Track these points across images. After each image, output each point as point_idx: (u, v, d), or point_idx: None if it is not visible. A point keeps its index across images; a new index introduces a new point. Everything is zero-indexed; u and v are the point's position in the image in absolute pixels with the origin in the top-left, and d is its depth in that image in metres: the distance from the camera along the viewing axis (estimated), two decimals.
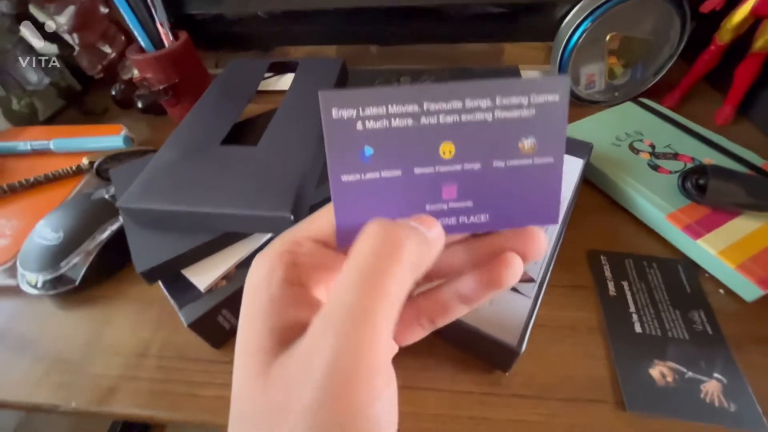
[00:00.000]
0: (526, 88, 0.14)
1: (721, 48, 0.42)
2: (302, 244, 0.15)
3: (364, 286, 0.12)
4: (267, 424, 0.12)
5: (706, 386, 0.25)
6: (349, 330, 0.12)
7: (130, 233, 0.29)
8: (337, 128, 0.13)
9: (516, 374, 0.27)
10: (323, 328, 0.12)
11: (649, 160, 0.38)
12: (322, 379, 0.11)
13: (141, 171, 0.30)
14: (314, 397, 0.11)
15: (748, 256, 0.29)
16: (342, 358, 0.11)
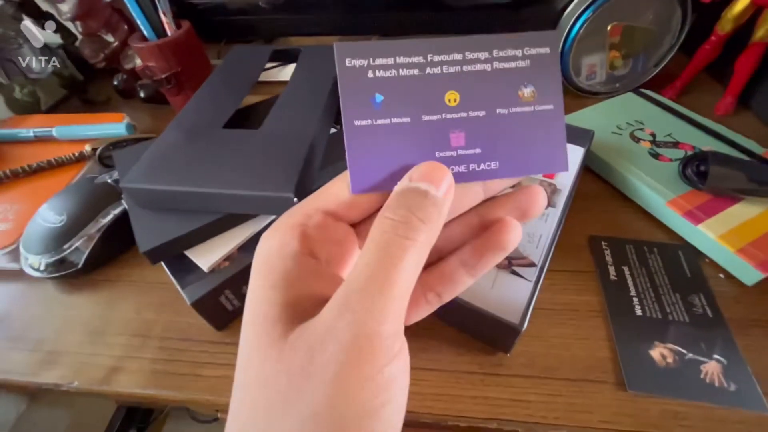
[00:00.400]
0: (520, 42, 0.15)
1: (722, 38, 0.42)
2: (312, 217, 0.15)
3: (383, 258, 0.13)
4: (286, 385, 0.12)
5: (706, 367, 0.25)
6: (371, 301, 0.12)
7: (133, 214, 0.29)
8: (350, 76, 0.14)
9: (518, 355, 0.27)
10: (346, 298, 0.13)
11: (650, 149, 0.38)
12: (349, 345, 0.12)
13: (144, 153, 0.30)
14: (341, 360, 0.12)
15: (749, 240, 0.29)
16: (366, 326, 0.12)
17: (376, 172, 0.14)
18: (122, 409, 0.84)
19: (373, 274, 0.13)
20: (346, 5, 0.52)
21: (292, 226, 0.15)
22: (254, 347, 0.13)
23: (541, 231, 0.29)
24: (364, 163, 0.14)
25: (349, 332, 0.12)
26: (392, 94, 0.14)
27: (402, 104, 0.14)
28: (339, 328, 0.12)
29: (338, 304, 0.13)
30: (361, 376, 0.12)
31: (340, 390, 0.12)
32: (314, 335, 0.12)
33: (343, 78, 0.14)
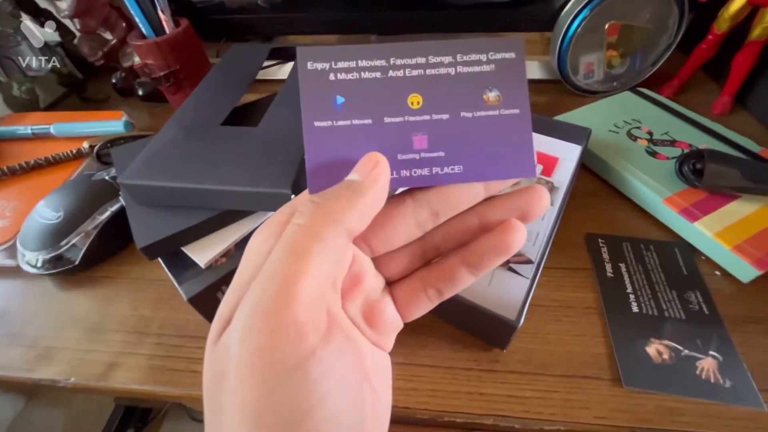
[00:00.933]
0: (485, 47, 0.15)
1: (719, 37, 0.42)
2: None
3: (285, 252, 0.12)
4: (215, 390, 0.12)
5: (702, 363, 0.25)
6: (272, 288, 0.12)
7: (130, 210, 0.29)
8: (312, 78, 0.14)
9: (514, 352, 0.27)
10: (249, 292, 0.12)
11: (647, 147, 0.38)
12: (250, 334, 0.11)
13: (142, 150, 0.30)
14: (240, 355, 0.11)
15: (744, 238, 0.29)
16: (257, 317, 0.12)
17: (335, 172, 0.14)
18: (120, 408, 0.84)
19: (273, 265, 0.12)
20: (344, 4, 0.52)
21: (277, 224, 0.14)
22: (207, 347, 0.13)
23: (538, 229, 0.30)
24: (322, 163, 0.15)
25: (242, 325, 0.12)
26: (353, 96, 0.14)
27: (363, 106, 0.15)
28: (237, 321, 0.12)
29: (243, 299, 0.12)
30: (276, 367, 0.11)
31: (260, 388, 0.11)
32: (228, 334, 0.12)
33: (304, 80, 0.14)
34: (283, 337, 0.11)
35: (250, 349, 0.11)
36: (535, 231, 0.30)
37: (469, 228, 0.17)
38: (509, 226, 0.15)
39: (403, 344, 0.27)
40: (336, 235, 0.13)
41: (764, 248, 0.29)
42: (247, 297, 0.12)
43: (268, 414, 0.11)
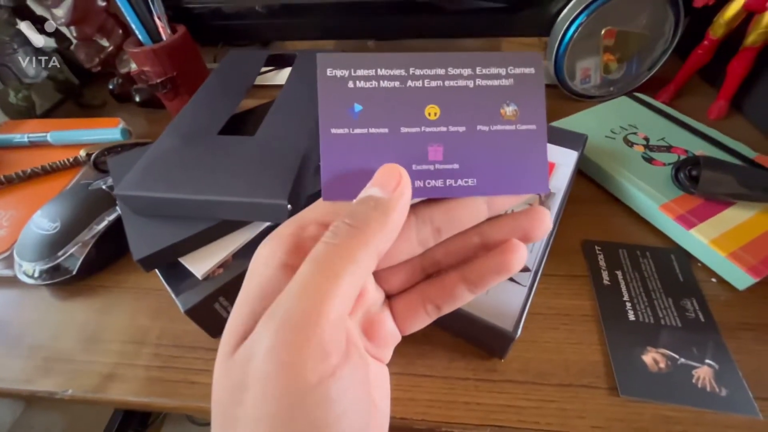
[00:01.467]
0: (504, 61, 0.15)
1: (715, 43, 0.43)
2: (307, 228, 0.15)
3: (317, 271, 0.12)
4: (229, 404, 0.12)
5: (698, 372, 0.26)
6: (296, 306, 0.12)
7: (127, 221, 0.29)
8: (330, 85, 0.14)
9: (511, 360, 0.27)
10: (275, 306, 0.12)
11: (643, 153, 0.38)
12: (272, 352, 0.11)
13: (139, 159, 0.30)
14: (265, 368, 0.11)
15: (740, 245, 0.30)
16: (286, 332, 0.12)
17: (350, 180, 0.14)
18: (119, 413, 0.84)
19: (304, 282, 0.12)
20: (342, 10, 0.52)
21: (284, 236, 0.14)
22: (218, 361, 0.13)
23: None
24: (338, 171, 0.15)
25: (269, 339, 0.12)
26: (371, 104, 0.14)
27: (381, 115, 0.15)
28: (263, 336, 0.12)
29: (267, 313, 0.12)
30: (299, 384, 0.11)
31: (282, 402, 0.11)
32: (248, 347, 0.12)
33: (322, 87, 0.14)
34: (310, 354, 0.11)
35: (277, 362, 0.11)
36: None
37: (470, 246, 0.17)
38: (511, 246, 0.15)
39: (401, 354, 0.27)
40: (369, 257, 0.13)
41: (759, 255, 0.29)
42: (275, 310, 0.12)
43: (286, 430, 0.11)
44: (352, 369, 0.13)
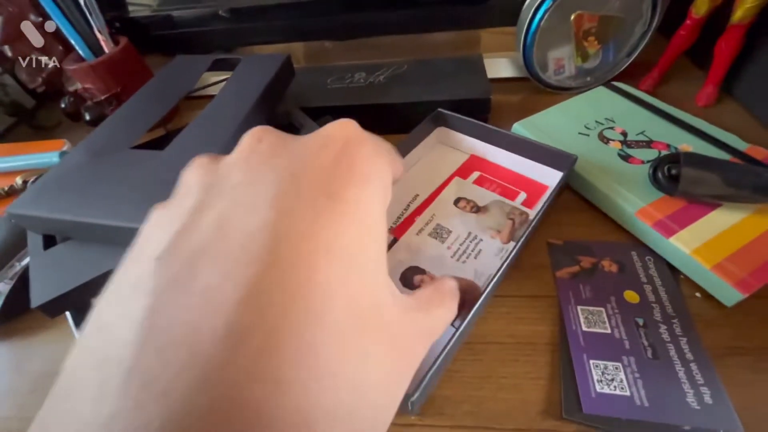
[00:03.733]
0: None
1: (698, 22, 0.38)
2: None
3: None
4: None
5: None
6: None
7: (33, 260, 0.26)
8: None
9: (462, 401, 0.24)
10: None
11: (619, 150, 0.34)
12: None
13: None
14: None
15: (726, 254, 0.26)
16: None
17: None
18: None
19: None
20: (299, 10, 0.48)
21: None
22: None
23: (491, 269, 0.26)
24: None
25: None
26: None
27: None
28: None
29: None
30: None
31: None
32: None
33: None
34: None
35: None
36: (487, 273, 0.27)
37: None
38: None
39: None
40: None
41: (749, 267, 0.25)
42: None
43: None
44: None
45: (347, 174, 0.12)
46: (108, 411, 0.08)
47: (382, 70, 0.44)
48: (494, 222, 0.32)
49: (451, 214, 0.33)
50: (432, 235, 0.31)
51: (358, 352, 0.10)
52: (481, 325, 0.27)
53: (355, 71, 0.45)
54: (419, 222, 0.32)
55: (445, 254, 0.30)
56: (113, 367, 0.08)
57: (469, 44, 0.58)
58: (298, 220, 0.10)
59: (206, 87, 0.45)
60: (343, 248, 0.11)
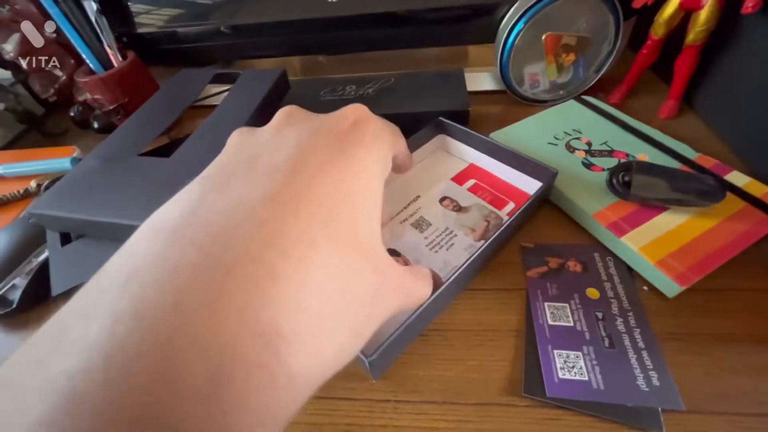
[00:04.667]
0: None
1: (657, 42, 0.42)
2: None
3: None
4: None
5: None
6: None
7: (52, 253, 0.29)
8: None
9: (432, 380, 0.27)
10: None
11: (584, 158, 0.38)
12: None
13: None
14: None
15: (669, 251, 0.29)
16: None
17: None
18: None
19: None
20: (297, 27, 0.52)
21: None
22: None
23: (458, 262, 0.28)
24: None
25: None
26: None
27: None
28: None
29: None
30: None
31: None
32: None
33: None
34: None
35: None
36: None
37: None
38: None
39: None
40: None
41: (687, 262, 0.28)
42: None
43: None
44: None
45: (357, 140, 0.15)
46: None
47: (371, 83, 0.48)
48: (471, 221, 0.35)
49: (436, 209, 0.36)
50: (414, 225, 0.35)
51: (351, 262, 0.14)
52: (453, 314, 0.30)
53: (347, 84, 0.48)
54: (405, 213, 0.36)
55: (421, 243, 0.34)
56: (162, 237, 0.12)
57: (457, 58, 0.62)
58: (314, 159, 0.14)
59: (207, 98, 0.49)
60: (347, 187, 0.14)
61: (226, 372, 0.10)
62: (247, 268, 0.11)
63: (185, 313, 0.10)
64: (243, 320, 0.10)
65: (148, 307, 0.10)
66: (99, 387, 0.09)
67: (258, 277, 0.11)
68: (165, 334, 0.09)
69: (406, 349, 0.28)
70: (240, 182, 0.13)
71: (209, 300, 0.10)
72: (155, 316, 0.10)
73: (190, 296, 0.10)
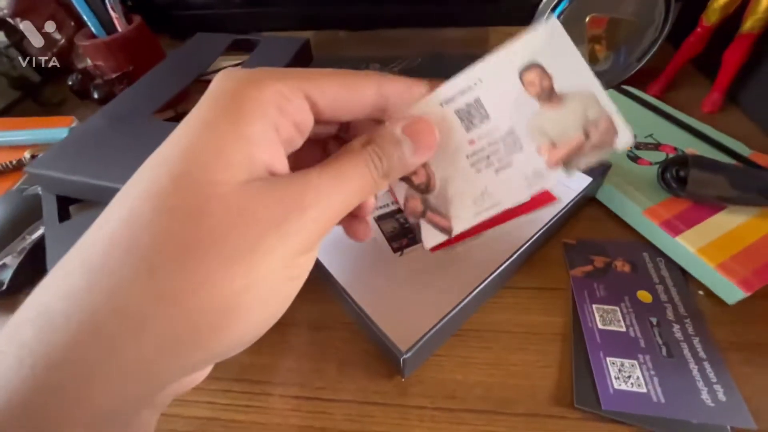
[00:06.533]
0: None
1: (708, 30, 0.39)
2: (292, 101, 0.14)
3: (336, 185, 0.14)
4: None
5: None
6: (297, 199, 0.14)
7: (48, 230, 0.26)
8: None
9: (473, 386, 0.24)
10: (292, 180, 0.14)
11: (629, 151, 0.35)
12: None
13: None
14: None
15: (731, 254, 0.27)
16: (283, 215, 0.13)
17: None
18: None
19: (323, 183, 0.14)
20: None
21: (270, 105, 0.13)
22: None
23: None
24: None
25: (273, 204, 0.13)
26: None
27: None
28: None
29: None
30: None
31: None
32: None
33: None
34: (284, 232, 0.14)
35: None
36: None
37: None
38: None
39: (353, 379, 0.25)
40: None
41: (751, 266, 0.26)
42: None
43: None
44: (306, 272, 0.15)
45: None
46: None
47: (396, 63, 0.45)
48: (559, 126, 0.17)
49: (506, 89, 0.17)
50: (460, 114, 0.17)
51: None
52: (490, 313, 0.27)
53: (370, 62, 0.45)
54: (452, 86, 0.17)
55: (461, 149, 0.18)
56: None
57: (478, 42, 0.58)
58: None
59: (219, 71, 0.45)
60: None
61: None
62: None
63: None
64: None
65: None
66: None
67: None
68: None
69: (441, 350, 0.26)
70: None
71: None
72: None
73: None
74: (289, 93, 0.14)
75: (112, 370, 0.11)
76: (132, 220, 0.11)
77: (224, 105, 0.13)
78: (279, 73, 0.14)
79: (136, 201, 0.12)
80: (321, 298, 0.29)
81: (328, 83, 0.14)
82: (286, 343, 0.27)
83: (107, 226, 0.12)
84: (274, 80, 0.13)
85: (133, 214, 0.12)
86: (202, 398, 0.24)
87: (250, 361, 0.26)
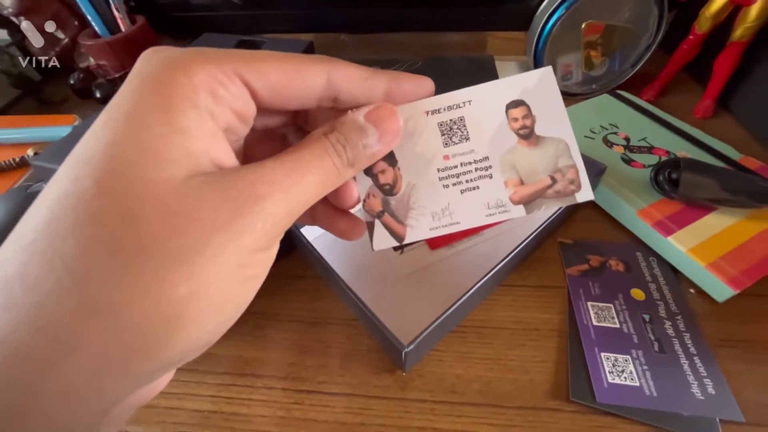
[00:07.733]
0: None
1: (700, 37, 0.40)
2: (226, 86, 0.12)
3: (294, 170, 0.13)
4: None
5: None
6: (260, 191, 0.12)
7: None
8: None
9: (472, 380, 0.25)
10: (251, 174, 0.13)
11: (622, 154, 0.36)
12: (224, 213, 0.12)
13: None
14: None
15: (721, 254, 0.28)
16: (243, 208, 0.12)
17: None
18: None
19: (280, 175, 0.12)
20: (317, 1, 0.49)
21: (201, 84, 0.12)
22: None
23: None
24: None
25: (229, 206, 0.11)
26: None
27: None
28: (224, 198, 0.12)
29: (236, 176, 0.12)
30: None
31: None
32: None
33: None
34: (242, 234, 0.13)
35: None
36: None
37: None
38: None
39: (355, 374, 0.25)
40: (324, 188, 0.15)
41: (740, 266, 0.27)
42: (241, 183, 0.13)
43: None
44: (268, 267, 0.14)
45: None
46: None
47: (397, 66, 0.45)
48: (530, 165, 0.18)
49: (491, 118, 0.18)
50: (442, 128, 0.18)
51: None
52: (489, 310, 0.28)
53: (372, 65, 0.46)
54: (442, 99, 0.18)
55: (434, 161, 0.18)
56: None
57: (477, 46, 0.60)
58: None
59: None
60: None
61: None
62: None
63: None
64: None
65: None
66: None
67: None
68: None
69: (441, 345, 0.26)
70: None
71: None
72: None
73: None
74: (223, 77, 0.12)
75: (47, 391, 0.10)
76: (51, 228, 0.10)
77: (150, 93, 0.11)
78: (211, 55, 0.12)
79: (56, 206, 0.10)
80: (323, 295, 0.29)
81: (269, 67, 0.13)
82: (288, 338, 0.27)
83: (26, 237, 0.10)
84: (204, 62, 0.12)
85: (52, 220, 0.10)
86: (204, 392, 0.25)
87: (252, 355, 0.26)
